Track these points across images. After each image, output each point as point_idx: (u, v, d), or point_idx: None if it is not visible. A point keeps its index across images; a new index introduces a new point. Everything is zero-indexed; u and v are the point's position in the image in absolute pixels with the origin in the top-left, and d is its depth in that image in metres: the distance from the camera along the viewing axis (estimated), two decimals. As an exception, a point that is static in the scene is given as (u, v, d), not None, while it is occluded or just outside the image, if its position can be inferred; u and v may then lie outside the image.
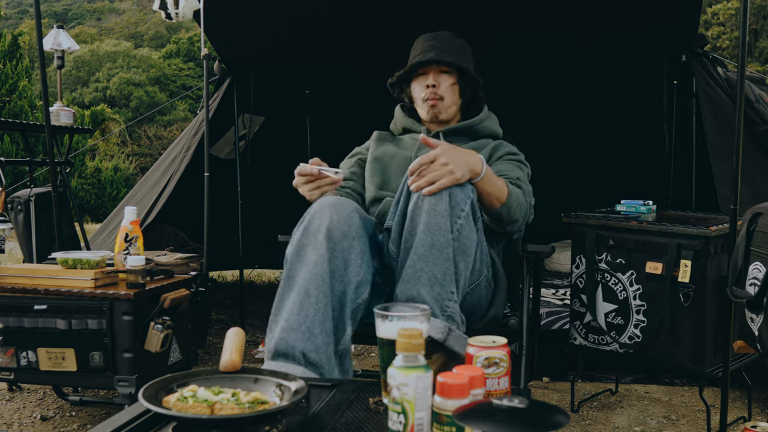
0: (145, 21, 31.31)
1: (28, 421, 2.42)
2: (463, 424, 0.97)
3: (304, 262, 1.62)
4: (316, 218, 1.66)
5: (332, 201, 1.70)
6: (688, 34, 3.28)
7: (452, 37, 2.15)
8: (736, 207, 2.01)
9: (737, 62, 2.06)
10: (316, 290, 1.58)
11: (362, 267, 1.66)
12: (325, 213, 1.65)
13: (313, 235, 1.63)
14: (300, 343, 1.53)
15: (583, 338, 2.46)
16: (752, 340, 1.79)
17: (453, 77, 2.10)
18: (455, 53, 2.10)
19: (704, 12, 18.04)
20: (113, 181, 13.15)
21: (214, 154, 3.93)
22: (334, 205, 1.67)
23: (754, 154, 3.00)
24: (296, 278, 1.61)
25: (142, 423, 1.17)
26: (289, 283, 1.62)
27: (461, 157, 1.68)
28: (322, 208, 1.67)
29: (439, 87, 2.09)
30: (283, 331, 1.56)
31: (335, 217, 1.64)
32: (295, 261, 1.64)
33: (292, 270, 1.63)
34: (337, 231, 1.63)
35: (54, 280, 2.12)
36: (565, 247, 3.97)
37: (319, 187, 1.82)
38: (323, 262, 1.60)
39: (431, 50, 2.09)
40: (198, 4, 3.02)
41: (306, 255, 1.62)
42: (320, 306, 1.57)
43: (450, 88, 2.10)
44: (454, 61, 2.07)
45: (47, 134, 2.84)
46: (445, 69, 2.09)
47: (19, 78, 10.68)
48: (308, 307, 1.56)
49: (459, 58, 2.10)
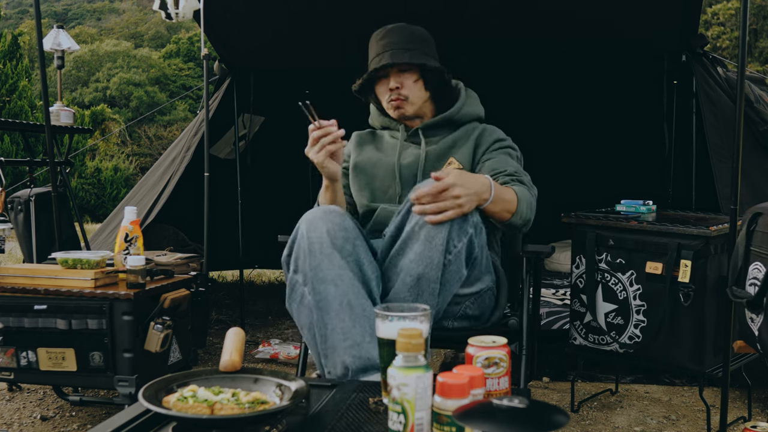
0: (145, 21, 31.31)
1: (28, 421, 2.42)
2: (463, 424, 0.97)
3: (326, 281, 1.61)
4: (313, 233, 1.65)
5: (320, 212, 1.69)
6: (688, 34, 3.28)
7: (406, 30, 2.05)
8: (736, 207, 2.01)
9: (737, 62, 2.06)
10: (356, 300, 1.59)
11: (372, 262, 1.68)
12: (319, 225, 1.65)
13: (320, 252, 1.63)
14: (375, 352, 1.53)
15: (583, 338, 2.46)
16: (752, 340, 1.79)
17: (414, 74, 2.02)
18: (411, 47, 2.01)
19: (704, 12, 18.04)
20: (113, 181, 13.16)
21: (214, 154, 3.93)
22: (324, 216, 1.67)
23: (754, 154, 3.00)
24: (328, 299, 1.60)
25: (142, 423, 1.17)
26: (323, 305, 1.61)
27: (473, 187, 1.65)
28: (314, 220, 1.67)
29: (402, 87, 2.02)
30: (351, 348, 1.56)
31: (330, 226, 1.65)
32: (318, 283, 1.62)
33: (318, 293, 1.62)
34: (338, 239, 1.63)
35: (54, 280, 2.12)
36: (565, 247, 3.97)
37: (323, 146, 1.80)
38: (345, 272, 1.61)
39: (387, 50, 2.01)
40: (198, 4, 3.02)
41: (324, 272, 1.62)
42: (368, 311, 1.59)
43: (413, 85, 2.02)
44: (410, 59, 1.98)
45: (47, 134, 2.84)
46: (404, 68, 2.01)
47: (19, 78, 10.69)
48: (359, 317, 1.58)
49: (415, 53, 2.00)
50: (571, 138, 4.38)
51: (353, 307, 1.59)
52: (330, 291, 1.61)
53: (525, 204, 1.81)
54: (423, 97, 2.05)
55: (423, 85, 2.04)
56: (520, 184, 1.87)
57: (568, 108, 4.27)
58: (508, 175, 1.89)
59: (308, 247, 1.64)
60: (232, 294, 4.43)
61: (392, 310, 1.25)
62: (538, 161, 3.01)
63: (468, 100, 2.12)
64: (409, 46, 2.02)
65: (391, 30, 2.05)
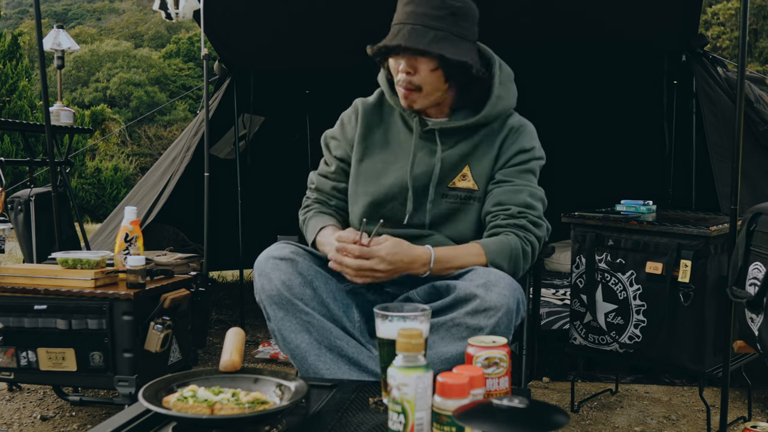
0: (145, 21, 31.30)
1: (28, 421, 2.42)
2: (463, 424, 0.97)
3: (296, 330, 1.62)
4: (268, 286, 1.63)
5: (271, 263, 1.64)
6: (688, 34, 3.28)
7: (461, 13, 1.68)
8: (736, 207, 2.01)
9: (737, 62, 2.06)
10: (332, 342, 1.61)
11: (337, 297, 1.67)
12: (273, 278, 1.62)
13: (280, 304, 1.61)
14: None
15: (583, 338, 2.46)
16: (752, 340, 1.78)
17: (434, 62, 1.66)
18: (438, 26, 1.64)
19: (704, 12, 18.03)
20: (113, 181, 13.15)
21: (214, 154, 3.93)
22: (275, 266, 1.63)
23: (754, 154, 3.00)
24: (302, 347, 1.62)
25: (142, 423, 1.17)
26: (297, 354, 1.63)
27: (400, 265, 1.60)
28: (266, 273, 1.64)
29: (415, 73, 1.68)
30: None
31: (284, 276, 1.61)
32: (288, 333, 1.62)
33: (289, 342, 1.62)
34: (295, 287, 1.61)
35: (54, 280, 2.12)
36: (565, 247, 3.96)
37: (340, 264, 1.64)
38: (311, 317, 1.61)
39: (407, 22, 1.66)
40: (198, 4, 3.02)
41: (292, 323, 1.62)
42: (345, 350, 1.61)
43: (429, 75, 1.68)
44: (426, 46, 1.62)
45: (47, 134, 2.84)
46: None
47: (19, 78, 10.69)
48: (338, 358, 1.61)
49: (440, 34, 1.64)
50: (571, 138, 4.37)
51: (331, 349, 1.60)
52: (303, 339, 1.61)
53: (503, 260, 1.69)
54: (440, 89, 1.73)
55: (443, 75, 1.69)
56: (516, 229, 1.73)
57: (568, 108, 4.27)
58: (509, 217, 1.74)
59: (268, 300, 1.63)
60: (232, 294, 4.43)
61: (392, 310, 1.25)
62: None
63: (501, 90, 1.78)
64: (436, 24, 1.64)
65: (440, 2, 1.66)
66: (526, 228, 1.74)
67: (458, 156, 1.78)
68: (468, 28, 1.70)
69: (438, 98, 1.75)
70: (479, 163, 1.79)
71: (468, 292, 1.56)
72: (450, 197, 1.79)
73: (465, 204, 1.79)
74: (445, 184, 1.79)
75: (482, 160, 1.79)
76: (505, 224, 1.73)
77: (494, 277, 1.57)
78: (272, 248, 1.68)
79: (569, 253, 2.55)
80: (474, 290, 1.55)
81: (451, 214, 1.79)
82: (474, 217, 1.80)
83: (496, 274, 1.59)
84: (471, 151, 1.79)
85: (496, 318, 1.52)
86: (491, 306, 1.53)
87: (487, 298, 1.53)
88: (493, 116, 1.78)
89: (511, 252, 1.70)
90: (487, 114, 1.77)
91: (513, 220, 1.73)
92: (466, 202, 1.79)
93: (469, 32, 1.71)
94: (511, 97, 1.82)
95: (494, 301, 1.53)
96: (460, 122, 1.77)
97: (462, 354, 1.43)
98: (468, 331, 1.53)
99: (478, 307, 1.54)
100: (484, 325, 1.53)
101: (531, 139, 1.83)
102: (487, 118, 1.78)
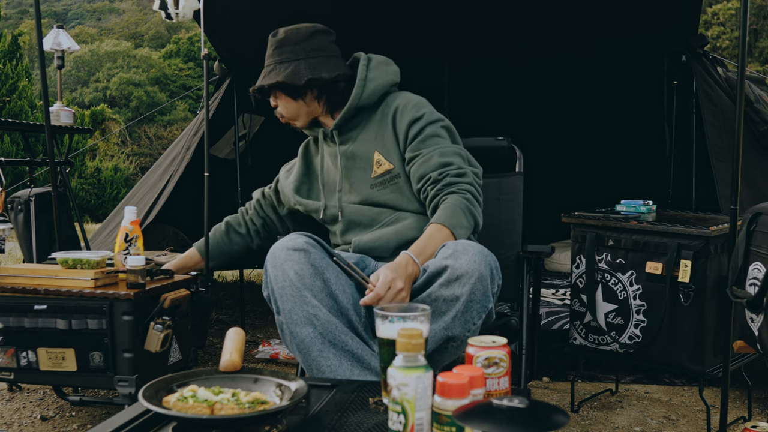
0: (145, 21, 31.31)
1: (28, 421, 2.42)
2: (463, 424, 0.97)
3: (302, 323, 1.64)
4: (281, 277, 1.67)
5: (284, 253, 1.69)
6: (688, 34, 3.28)
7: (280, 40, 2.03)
8: (736, 207, 2.01)
9: (737, 62, 2.06)
10: (336, 337, 1.62)
11: (346, 290, 1.68)
12: (286, 268, 1.66)
13: (291, 295, 1.64)
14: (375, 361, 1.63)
15: (583, 338, 2.46)
16: (752, 340, 1.79)
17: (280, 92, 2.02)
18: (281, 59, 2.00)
19: (704, 12, 18.03)
20: (113, 181, 13.15)
21: (214, 154, 3.93)
22: (289, 256, 1.67)
23: (754, 154, 3.00)
24: (306, 341, 1.64)
25: (142, 423, 1.17)
26: (302, 347, 1.65)
27: (405, 272, 1.64)
28: (279, 264, 1.68)
29: (278, 105, 2.05)
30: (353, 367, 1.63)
31: (297, 267, 1.65)
32: (293, 326, 1.65)
33: (296, 336, 1.65)
34: (306, 277, 1.64)
35: (54, 280, 2.11)
36: (565, 247, 3.97)
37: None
38: (319, 310, 1.63)
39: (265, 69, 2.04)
40: (198, 4, 3.02)
41: (299, 314, 1.64)
42: (350, 345, 1.63)
43: (286, 104, 2.03)
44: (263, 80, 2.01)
45: (47, 134, 2.84)
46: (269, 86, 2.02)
47: (19, 78, 10.69)
48: (342, 353, 1.62)
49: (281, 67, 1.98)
50: (571, 138, 4.38)
51: (335, 344, 1.61)
52: (308, 332, 1.62)
53: (458, 221, 1.75)
54: (300, 109, 2.03)
55: (290, 98, 2.01)
56: (447, 189, 1.81)
57: (568, 108, 4.28)
58: (434, 183, 1.84)
59: (279, 292, 1.65)
60: (232, 294, 4.43)
61: (392, 310, 1.25)
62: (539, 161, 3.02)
63: (370, 73, 2.01)
64: (280, 58, 2.00)
65: (271, 42, 2.05)
66: (452, 183, 1.81)
67: (363, 146, 1.97)
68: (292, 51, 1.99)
69: (309, 114, 2.04)
70: (384, 146, 1.95)
71: (438, 265, 1.61)
72: (381, 185, 1.93)
73: (394, 185, 1.92)
74: (370, 176, 1.94)
75: (385, 142, 1.95)
76: (435, 192, 1.83)
77: (461, 247, 1.62)
78: (286, 239, 1.73)
79: (569, 253, 2.55)
80: (443, 262, 1.61)
81: (391, 198, 1.92)
82: (410, 195, 1.92)
83: (463, 244, 1.63)
84: (372, 138, 1.96)
85: (470, 285, 1.56)
86: (462, 273, 1.57)
87: (456, 266, 1.58)
88: (369, 97, 1.97)
89: (460, 210, 1.76)
90: (357, 95, 1.96)
91: (438, 184, 1.83)
92: (393, 182, 1.92)
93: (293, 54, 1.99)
94: (384, 76, 2.00)
95: (465, 268, 1.57)
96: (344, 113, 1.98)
97: (445, 328, 1.54)
98: (446, 303, 1.58)
99: (450, 276, 1.58)
100: (459, 293, 1.57)
101: (418, 107, 1.95)
102: (362, 100, 1.96)
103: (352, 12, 3.52)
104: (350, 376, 1.58)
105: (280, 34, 2.03)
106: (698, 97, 3.23)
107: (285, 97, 2.00)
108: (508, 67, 3.96)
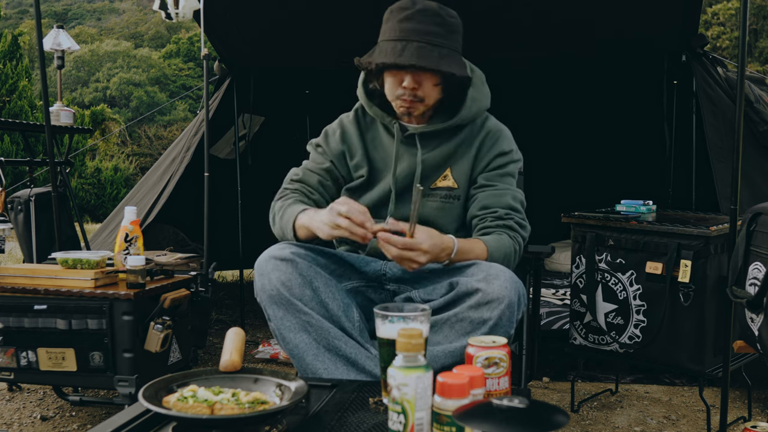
0: (145, 21, 31.31)
1: (28, 421, 2.42)
2: (463, 424, 0.97)
3: (295, 330, 1.63)
4: (268, 286, 1.65)
5: (271, 263, 1.66)
6: (688, 34, 3.28)
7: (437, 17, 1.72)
8: (736, 207, 2.01)
9: (737, 62, 2.06)
10: (330, 342, 1.62)
11: (336, 297, 1.68)
12: (272, 278, 1.64)
13: (280, 303, 1.63)
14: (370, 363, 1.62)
15: (583, 338, 2.46)
16: (752, 340, 1.78)
17: (437, 77, 1.75)
18: (441, 43, 1.71)
19: (704, 12, 18.03)
20: (113, 181, 13.15)
21: (214, 154, 3.93)
22: (275, 266, 1.65)
23: (754, 154, 3.00)
24: (300, 347, 1.64)
25: (142, 423, 1.17)
26: (296, 354, 1.64)
27: (435, 251, 1.61)
28: (266, 273, 1.65)
29: (419, 88, 1.74)
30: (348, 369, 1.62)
31: (284, 277, 1.63)
32: (287, 332, 1.64)
33: (289, 342, 1.64)
34: (294, 287, 1.63)
35: (54, 280, 2.12)
36: (565, 247, 3.97)
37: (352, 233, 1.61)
38: (311, 317, 1.62)
39: (411, 39, 1.69)
40: (198, 4, 3.02)
41: (291, 322, 1.63)
42: (344, 350, 1.62)
43: (432, 89, 1.77)
44: (438, 65, 1.69)
45: (47, 134, 2.84)
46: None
47: (19, 78, 10.69)
48: (337, 358, 1.62)
49: (444, 51, 1.71)
50: (571, 138, 4.38)
51: (329, 349, 1.62)
52: (302, 338, 1.63)
53: (499, 257, 1.74)
54: (437, 96, 1.81)
55: (442, 89, 1.79)
56: (506, 230, 1.79)
57: (568, 108, 4.27)
58: (497, 219, 1.80)
59: (268, 300, 1.65)
60: (232, 294, 4.43)
61: (392, 310, 1.25)
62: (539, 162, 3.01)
63: (474, 92, 1.85)
64: (439, 41, 1.71)
65: (420, 11, 1.71)
66: (513, 228, 1.80)
67: (439, 158, 1.86)
68: (460, 42, 1.80)
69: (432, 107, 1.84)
70: (459, 164, 1.86)
71: (470, 286, 1.60)
72: (432, 197, 1.86)
73: (446, 203, 1.86)
74: (427, 186, 1.85)
75: (462, 161, 1.86)
76: (494, 225, 1.79)
77: (495, 271, 1.61)
78: (273, 248, 1.69)
79: (569, 253, 2.55)
80: (476, 284, 1.59)
81: (435, 213, 1.85)
82: (455, 216, 1.87)
83: (496, 268, 1.62)
84: (451, 154, 1.86)
85: (498, 310, 1.56)
86: (493, 298, 1.56)
87: (488, 291, 1.57)
88: (469, 118, 1.86)
89: (506, 250, 1.76)
90: (463, 116, 1.84)
91: (501, 221, 1.80)
92: (447, 200, 1.86)
93: (460, 45, 1.80)
94: (484, 98, 1.89)
95: (496, 293, 1.56)
96: (438, 126, 1.84)
97: (465, 347, 1.46)
98: (472, 325, 1.57)
99: (480, 300, 1.57)
100: (487, 317, 1.56)
101: (509, 142, 1.91)
102: (464, 120, 1.85)
103: (352, 13, 3.51)
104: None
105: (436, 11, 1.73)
106: (698, 97, 3.23)
107: (439, 86, 1.77)
108: (508, 67, 3.95)
